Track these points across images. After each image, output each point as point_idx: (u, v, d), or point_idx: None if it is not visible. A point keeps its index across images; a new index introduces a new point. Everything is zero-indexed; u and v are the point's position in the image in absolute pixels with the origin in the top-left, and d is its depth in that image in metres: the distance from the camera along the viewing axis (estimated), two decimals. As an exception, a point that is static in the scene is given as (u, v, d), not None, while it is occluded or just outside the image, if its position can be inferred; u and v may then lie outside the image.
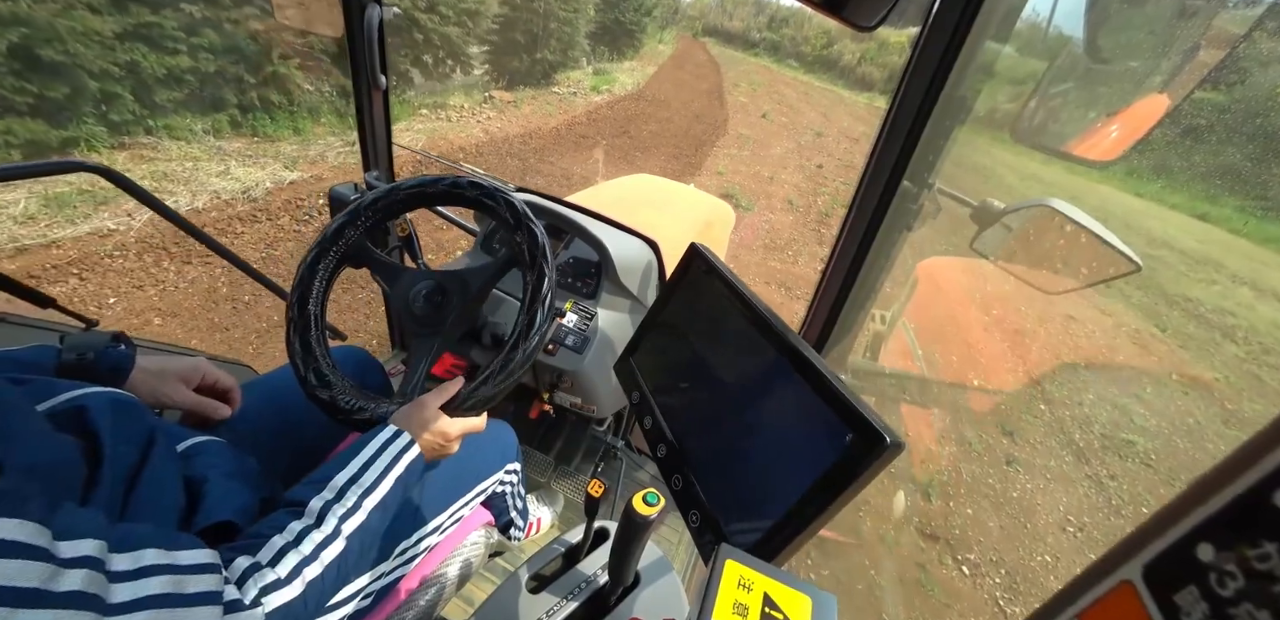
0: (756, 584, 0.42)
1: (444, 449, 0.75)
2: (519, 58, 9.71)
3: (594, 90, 10.92)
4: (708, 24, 26.00)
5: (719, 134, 9.83)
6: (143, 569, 0.41)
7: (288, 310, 0.88)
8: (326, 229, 0.91)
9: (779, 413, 0.62)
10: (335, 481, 0.62)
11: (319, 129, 6.01)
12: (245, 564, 0.51)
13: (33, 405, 0.52)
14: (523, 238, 0.83)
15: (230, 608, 0.46)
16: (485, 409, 0.79)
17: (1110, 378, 4.15)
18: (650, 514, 0.59)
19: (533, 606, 0.77)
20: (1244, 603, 0.18)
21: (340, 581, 0.58)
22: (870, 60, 19.82)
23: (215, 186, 4.52)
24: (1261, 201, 7.67)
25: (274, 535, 0.55)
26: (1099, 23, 0.83)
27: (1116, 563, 0.22)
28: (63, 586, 0.35)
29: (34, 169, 1.07)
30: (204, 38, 5.01)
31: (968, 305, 4.51)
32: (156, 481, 0.56)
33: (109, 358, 0.71)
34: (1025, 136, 1.00)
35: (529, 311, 0.79)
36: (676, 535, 1.52)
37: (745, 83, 15.74)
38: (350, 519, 0.60)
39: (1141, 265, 0.88)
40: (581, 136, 8.16)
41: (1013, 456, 3.12)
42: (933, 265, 3.76)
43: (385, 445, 0.67)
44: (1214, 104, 7.79)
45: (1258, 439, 0.19)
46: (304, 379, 0.83)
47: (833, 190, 7.82)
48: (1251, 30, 0.76)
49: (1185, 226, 7.93)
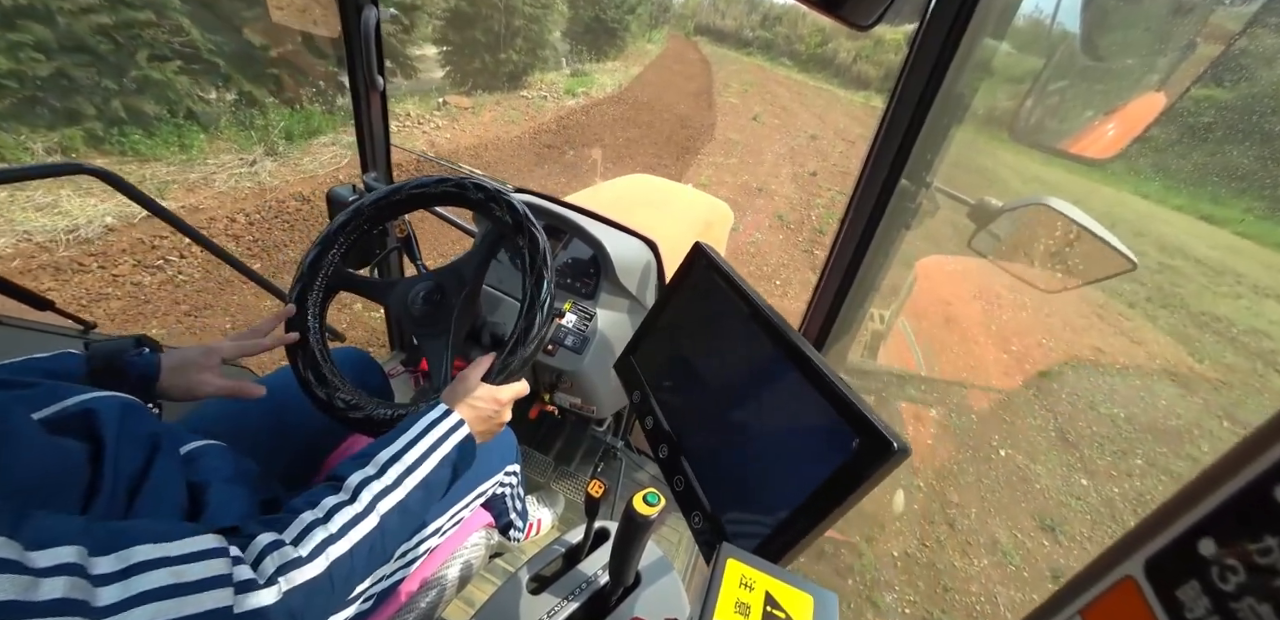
0: (758, 583, 0.42)
1: (498, 416, 0.75)
2: (479, 59, 8.84)
3: (568, 93, 10.03)
4: (700, 22, 25.89)
5: (705, 139, 9.12)
6: (133, 567, 0.40)
7: (289, 295, 0.88)
8: (327, 229, 0.91)
9: (783, 414, 0.62)
10: (379, 457, 0.61)
11: (218, 145, 5.15)
12: (267, 541, 0.50)
13: (27, 412, 0.52)
14: (498, 207, 0.84)
15: (243, 588, 0.45)
16: (522, 373, 0.80)
17: (1159, 434, 3.47)
18: (651, 514, 0.59)
19: (533, 607, 0.77)
20: (1246, 597, 0.18)
21: (371, 563, 0.56)
22: (866, 58, 19.60)
23: (30, 224, 3.38)
24: (1272, 203, 7.44)
25: (305, 511, 0.54)
26: (1095, 20, 0.83)
27: (1119, 558, 0.22)
28: (43, 595, 0.35)
29: (32, 172, 1.07)
30: (27, 32, 3.93)
31: (986, 340, 4.23)
32: (159, 486, 0.56)
33: (137, 365, 0.71)
34: (1023, 135, 1.00)
35: (534, 273, 0.79)
36: (677, 535, 1.52)
37: (737, 83, 15.15)
38: (387, 497, 0.58)
39: (1137, 263, 0.88)
40: (547, 146, 7.46)
41: (1060, 568, 2.56)
42: (931, 264, 3.76)
43: (434, 424, 0.66)
44: (1217, 102, 7.63)
45: (1257, 435, 0.19)
46: (304, 381, 0.83)
47: (828, 201, 7.23)
48: (1247, 27, 0.76)
49: (1193, 230, 7.67)
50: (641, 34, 17.47)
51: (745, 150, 9.01)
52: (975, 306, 4.78)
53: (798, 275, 5.09)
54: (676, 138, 8.92)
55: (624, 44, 14.53)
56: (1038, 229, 1.00)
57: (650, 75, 13.52)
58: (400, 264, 1.73)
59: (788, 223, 6.35)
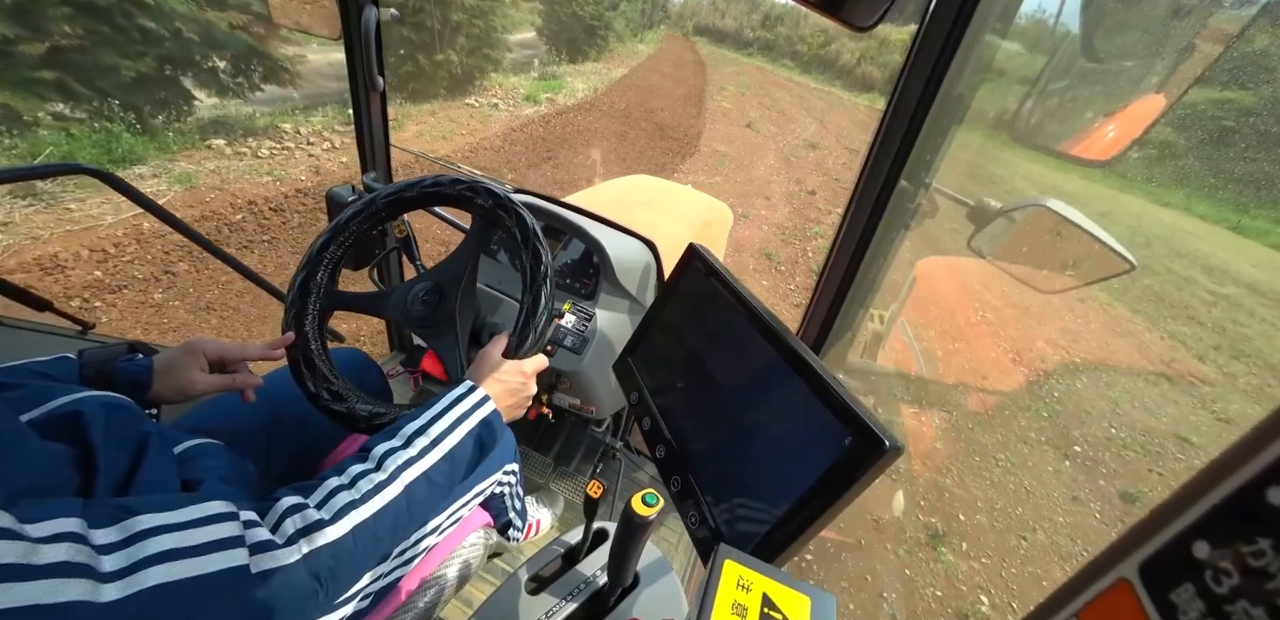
0: (755, 584, 0.42)
1: (525, 388, 0.77)
2: (411, 61, 7.54)
3: (529, 100, 8.67)
4: (699, 22, 25.74)
5: (686, 153, 7.78)
6: (135, 535, 0.40)
7: (284, 320, 0.88)
8: (328, 227, 0.91)
9: (778, 414, 0.63)
10: (405, 430, 0.62)
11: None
12: (289, 503, 0.50)
13: (16, 416, 0.51)
14: (478, 196, 0.86)
15: (259, 548, 0.45)
16: (541, 348, 0.82)
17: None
18: (649, 515, 0.59)
19: (532, 607, 0.77)
20: (1239, 600, 0.18)
21: (396, 529, 0.57)
22: (871, 59, 19.25)
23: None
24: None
25: (332, 477, 0.55)
26: (1095, 23, 0.83)
27: (1113, 561, 0.22)
28: (45, 559, 0.35)
29: (31, 171, 1.07)
30: None
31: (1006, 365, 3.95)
32: (150, 486, 0.56)
33: (128, 371, 0.71)
34: (1022, 136, 1.01)
35: (530, 250, 0.81)
36: (675, 536, 1.52)
37: (732, 85, 14.08)
38: (412, 467, 0.59)
39: (1135, 264, 0.88)
40: (481, 168, 5.63)
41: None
42: (930, 265, 3.75)
43: (459, 399, 0.68)
44: (1240, 105, 7.08)
45: (1251, 436, 0.19)
46: (308, 388, 0.83)
47: (828, 228, 5.98)
48: (1245, 29, 0.76)
49: (1229, 244, 7.05)
50: (631, 33, 16.39)
51: (734, 165, 7.77)
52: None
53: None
54: (652, 152, 7.56)
55: (605, 44, 13.36)
56: (1036, 230, 1.00)
57: (634, 78, 12.30)
58: (400, 265, 1.73)
59: (777, 262, 5.03)
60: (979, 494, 2.84)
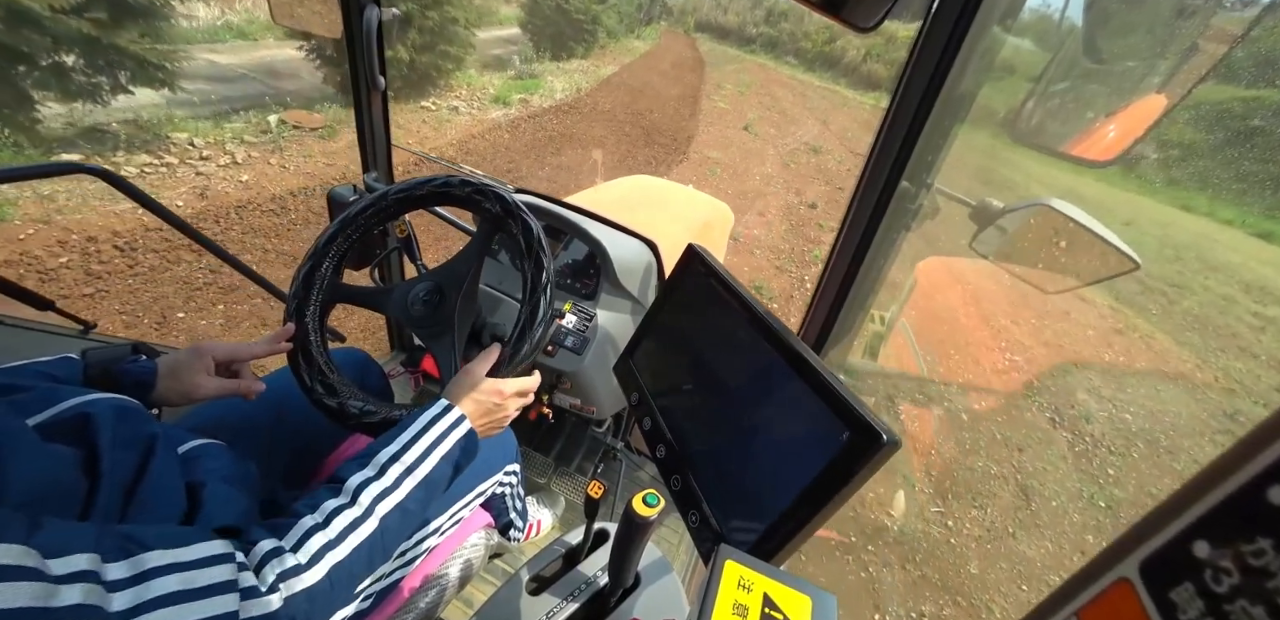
0: (756, 584, 0.42)
1: (500, 409, 0.74)
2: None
3: (498, 101, 7.78)
4: (701, 18, 25.38)
5: (673, 161, 7.01)
6: (144, 573, 0.41)
7: (286, 311, 0.88)
8: (336, 220, 0.91)
9: (777, 412, 0.63)
10: (379, 457, 0.61)
11: None
12: (267, 547, 0.50)
13: (22, 420, 0.52)
14: (485, 199, 0.85)
15: (246, 594, 0.46)
16: (529, 366, 0.80)
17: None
18: (650, 515, 0.59)
19: (533, 608, 0.77)
20: (1239, 599, 0.18)
21: (371, 564, 0.57)
22: (877, 56, 18.68)
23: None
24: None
25: (306, 515, 0.54)
26: (1098, 23, 0.83)
27: (1114, 560, 0.22)
28: (63, 602, 0.36)
29: (31, 171, 1.07)
30: None
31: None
32: (156, 489, 0.56)
33: (132, 372, 0.71)
34: (1023, 136, 1.01)
35: (532, 257, 0.79)
36: (676, 536, 1.52)
37: (731, 84, 13.36)
38: (387, 498, 0.58)
39: (1140, 263, 0.88)
40: None
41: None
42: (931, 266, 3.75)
43: (434, 421, 0.66)
44: (1267, 103, 6.58)
45: (1252, 436, 0.19)
46: (304, 381, 0.83)
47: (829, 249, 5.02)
48: (1249, 29, 0.76)
49: (1260, 254, 6.62)
50: (626, 29, 15.52)
51: (727, 173, 7.01)
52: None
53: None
54: (633, 160, 6.71)
55: (594, 40, 12.32)
56: (1039, 230, 1.00)
57: (624, 76, 11.33)
58: (401, 265, 1.74)
59: (771, 296, 4.38)
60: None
